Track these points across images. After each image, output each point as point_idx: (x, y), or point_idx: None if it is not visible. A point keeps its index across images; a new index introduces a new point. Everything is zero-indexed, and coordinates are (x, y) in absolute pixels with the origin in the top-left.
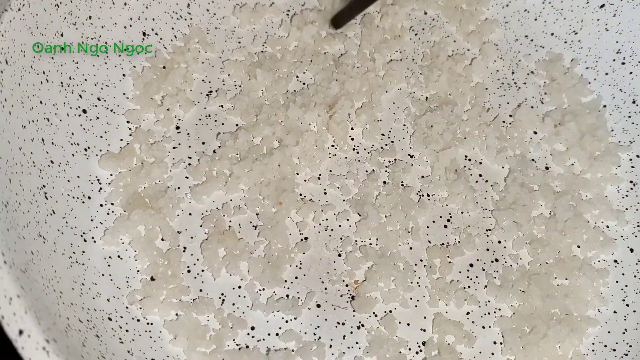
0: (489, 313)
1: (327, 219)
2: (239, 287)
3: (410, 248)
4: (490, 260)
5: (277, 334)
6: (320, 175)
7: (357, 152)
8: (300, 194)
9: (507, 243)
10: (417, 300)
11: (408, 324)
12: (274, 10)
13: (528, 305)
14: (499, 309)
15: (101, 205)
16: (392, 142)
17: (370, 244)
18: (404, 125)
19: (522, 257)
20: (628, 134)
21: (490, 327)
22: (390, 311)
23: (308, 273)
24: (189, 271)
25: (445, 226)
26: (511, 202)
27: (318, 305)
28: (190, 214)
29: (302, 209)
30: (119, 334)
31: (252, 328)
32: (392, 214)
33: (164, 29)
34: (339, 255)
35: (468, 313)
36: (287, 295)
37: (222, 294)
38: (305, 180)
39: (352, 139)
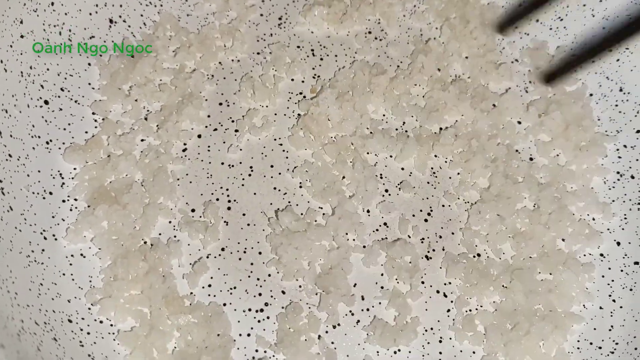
0: (470, 310)
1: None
2: (209, 285)
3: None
4: (472, 255)
5: (248, 335)
6: (295, 167)
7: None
8: (275, 187)
9: (490, 237)
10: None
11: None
12: None
13: (510, 301)
14: (481, 306)
15: (63, 201)
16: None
17: (348, 239)
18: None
19: (505, 252)
20: (615, 123)
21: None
22: (368, 309)
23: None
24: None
25: (426, 220)
26: (494, 195)
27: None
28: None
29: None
30: (79, 337)
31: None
32: (370, 210)
33: (132, 15)
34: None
35: (449, 310)
36: (260, 294)
37: (192, 293)
38: (279, 173)
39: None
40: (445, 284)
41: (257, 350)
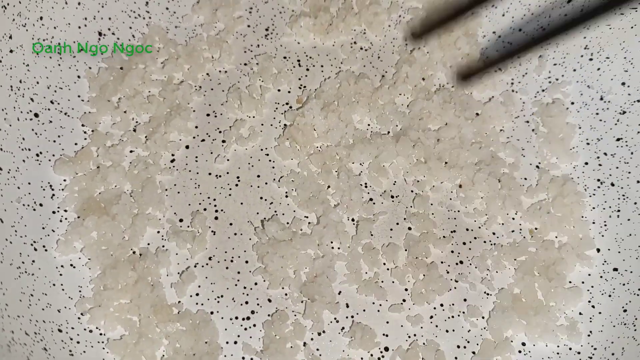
0: (453, 316)
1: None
2: (197, 294)
3: (373, 248)
4: (455, 262)
5: (235, 342)
6: (281, 177)
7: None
8: (261, 197)
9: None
10: (380, 305)
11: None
12: (236, 6)
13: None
14: (463, 312)
15: (53, 212)
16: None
17: (332, 248)
18: (369, 125)
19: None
20: (596, 132)
21: (452, 331)
22: (352, 316)
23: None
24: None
25: (410, 228)
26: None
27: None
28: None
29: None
30: (69, 346)
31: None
32: (358, 221)
33: (121, 28)
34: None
35: (431, 317)
36: (246, 302)
37: (180, 301)
38: (266, 183)
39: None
40: (421, 292)
41: (243, 358)
